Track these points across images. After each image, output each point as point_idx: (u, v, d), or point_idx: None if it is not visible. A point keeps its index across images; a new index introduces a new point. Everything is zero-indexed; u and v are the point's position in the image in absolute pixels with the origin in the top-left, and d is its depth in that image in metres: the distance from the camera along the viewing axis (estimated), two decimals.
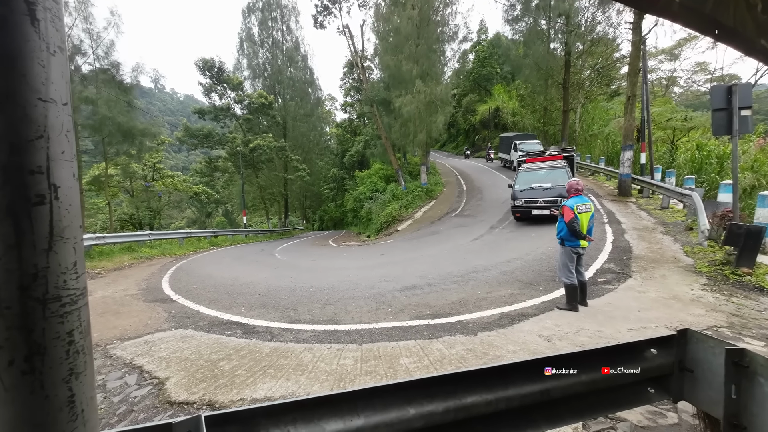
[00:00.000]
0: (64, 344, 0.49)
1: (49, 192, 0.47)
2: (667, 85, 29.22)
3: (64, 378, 0.49)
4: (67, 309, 0.49)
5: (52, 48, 0.47)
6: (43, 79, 0.46)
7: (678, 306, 4.31)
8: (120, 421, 2.61)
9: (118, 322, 5.02)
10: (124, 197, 25.70)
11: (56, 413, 0.48)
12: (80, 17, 15.14)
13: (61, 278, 0.49)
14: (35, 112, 0.46)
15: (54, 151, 0.48)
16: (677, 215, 9.20)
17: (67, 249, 0.49)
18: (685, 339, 1.72)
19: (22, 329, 0.46)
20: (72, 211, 0.50)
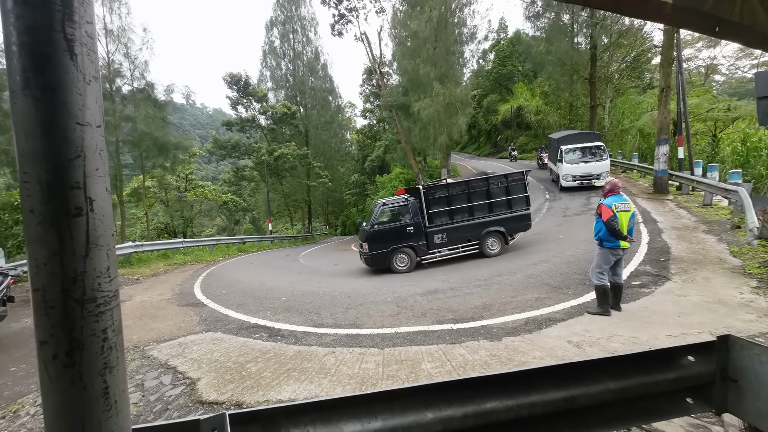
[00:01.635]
0: (99, 341, 0.55)
1: (85, 205, 0.53)
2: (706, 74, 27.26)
3: (99, 371, 0.55)
4: (102, 309, 0.55)
5: (87, 78, 0.54)
6: (80, 106, 0.53)
7: (724, 311, 3.98)
8: (156, 418, 2.77)
9: (154, 325, 5.33)
10: (159, 207, 27.38)
11: (93, 403, 0.54)
12: (121, 44, 16.44)
13: (96, 281, 0.55)
14: (74, 134, 0.52)
15: (89, 169, 0.54)
16: (722, 213, 8.51)
17: (102, 255, 0.55)
18: (727, 346, 1.59)
19: (63, 327, 0.52)
20: (105, 222, 0.56)
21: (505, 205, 8.45)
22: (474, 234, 8.38)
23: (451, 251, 8.46)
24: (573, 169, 14.19)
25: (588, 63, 20.29)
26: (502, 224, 8.38)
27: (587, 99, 21.31)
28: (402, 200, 8.44)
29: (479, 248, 8.38)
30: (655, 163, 11.89)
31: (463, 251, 8.46)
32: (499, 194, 8.46)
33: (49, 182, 0.51)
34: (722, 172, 11.71)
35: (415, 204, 8.28)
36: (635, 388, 1.53)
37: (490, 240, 8.36)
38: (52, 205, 0.51)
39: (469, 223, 8.38)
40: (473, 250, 8.45)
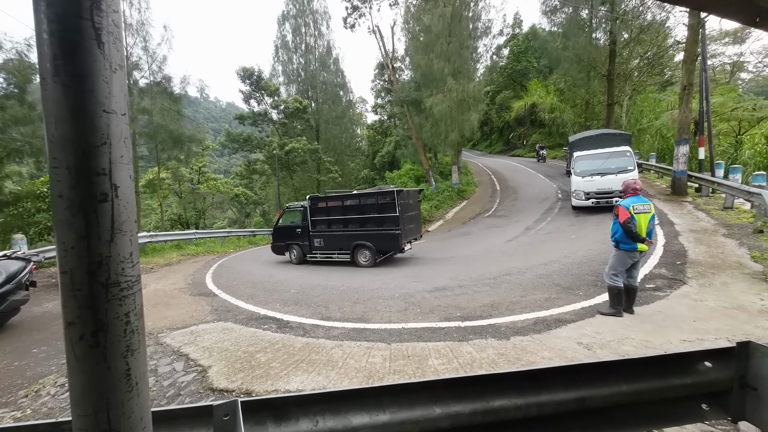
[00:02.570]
0: (122, 324, 0.56)
1: (111, 191, 0.55)
2: (732, 72, 26.21)
3: (122, 353, 0.56)
4: (125, 293, 0.57)
5: (113, 66, 0.55)
6: (106, 93, 0.54)
7: (743, 317, 3.86)
8: (169, 403, 2.85)
9: (168, 313, 5.48)
10: (173, 199, 27.96)
11: (116, 383, 0.56)
12: (140, 37, 16.75)
13: (120, 266, 0.56)
14: (100, 122, 0.53)
15: (115, 156, 0.55)
16: (743, 216, 8.22)
17: (125, 241, 0.57)
18: (747, 352, 1.54)
19: (90, 308, 0.54)
20: (129, 208, 0.58)
21: (374, 223, 8.81)
22: (345, 244, 9.23)
23: (328, 255, 9.61)
24: (586, 183, 11.00)
25: (606, 59, 19.69)
26: (369, 240, 8.87)
27: (604, 96, 20.72)
28: (299, 206, 10.08)
29: (351, 258, 9.16)
30: (674, 164, 11.53)
31: (338, 257, 9.47)
32: (369, 211, 8.92)
33: (77, 168, 0.52)
34: (745, 174, 11.30)
35: (306, 210, 9.66)
36: (649, 392, 1.50)
37: (359, 252, 9.06)
38: (80, 190, 0.52)
39: (342, 234, 9.27)
40: (345, 259, 9.31)
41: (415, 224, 9.74)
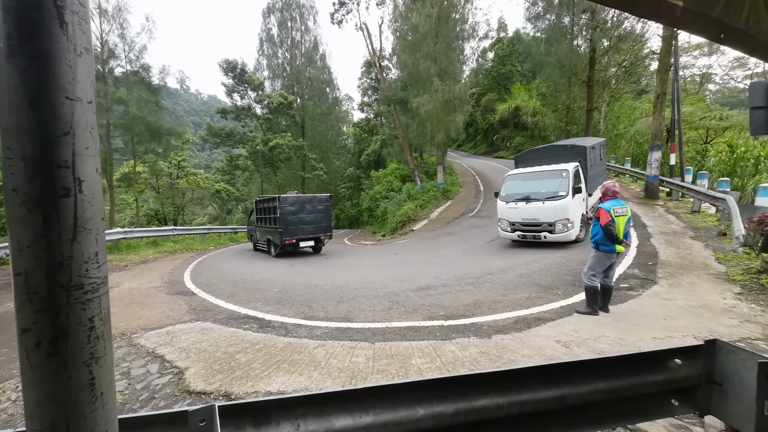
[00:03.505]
0: (85, 329, 0.52)
1: (74, 185, 0.50)
2: (701, 83, 27.67)
3: (85, 361, 0.52)
4: (89, 296, 0.52)
5: (78, 49, 0.50)
6: (70, 79, 0.49)
7: (708, 315, 4.08)
8: (142, 407, 2.73)
9: (142, 313, 5.26)
10: (150, 194, 26.90)
11: (78, 394, 0.51)
12: (117, 24, 15.95)
13: (84, 267, 0.51)
14: (62, 109, 0.49)
15: (79, 147, 0.50)
16: (709, 220, 8.70)
17: (90, 240, 0.52)
18: (714, 350, 1.63)
19: (48, 313, 0.49)
20: (94, 204, 0.53)
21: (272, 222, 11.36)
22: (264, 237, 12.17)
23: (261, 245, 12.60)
24: (510, 211, 8.63)
25: (586, 66, 20.37)
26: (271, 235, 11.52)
27: (584, 102, 21.44)
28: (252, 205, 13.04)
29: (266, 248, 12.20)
30: (647, 169, 12.07)
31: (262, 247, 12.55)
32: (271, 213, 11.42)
33: (34, 159, 0.47)
34: (711, 180, 11.96)
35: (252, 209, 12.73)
36: (624, 389, 1.55)
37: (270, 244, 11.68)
38: (38, 184, 0.48)
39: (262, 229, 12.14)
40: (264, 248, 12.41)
41: (315, 225, 11.46)
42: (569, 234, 7.84)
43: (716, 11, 1.17)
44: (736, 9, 1.23)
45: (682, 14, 1.15)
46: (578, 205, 8.08)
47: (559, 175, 8.16)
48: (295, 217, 10.96)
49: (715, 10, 1.17)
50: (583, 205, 8.39)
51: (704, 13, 1.16)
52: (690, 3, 1.11)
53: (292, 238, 10.80)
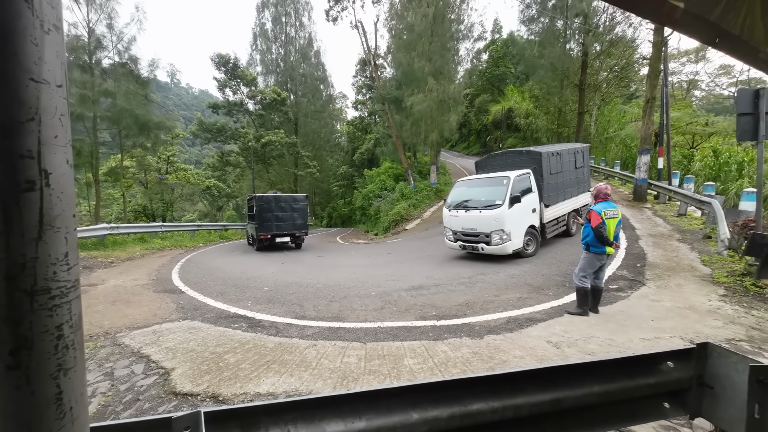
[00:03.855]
0: (52, 339, 0.47)
1: (39, 178, 0.44)
2: (688, 89, 28.33)
3: (51, 374, 0.47)
4: (57, 302, 0.47)
5: (46, 26, 0.45)
6: (35, 59, 0.44)
7: (694, 317, 4.16)
8: (126, 409, 2.64)
9: (128, 311, 5.12)
10: (138, 189, 26.28)
11: (43, 410, 0.46)
12: (104, 13, 15.49)
13: (51, 269, 0.46)
14: (26, 93, 0.43)
15: (46, 135, 0.45)
16: (695, 223, 8.90)
17: (58, 239, 0.47)
18: (705, 353, 1.63)
19: (8, 321, 0.44)
20: (64, 199, 0.48)
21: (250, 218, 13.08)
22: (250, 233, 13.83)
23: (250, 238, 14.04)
24: (451, 219, 8.24)
25: (578, 69, 20.65)
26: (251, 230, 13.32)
27: (575, 105, 21.73)
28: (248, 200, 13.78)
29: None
30: (636, 172, 12.29)
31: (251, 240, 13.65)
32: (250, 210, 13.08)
33: None
34: (696, 184, 12.24)
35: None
36: (618, 391, 1.55)
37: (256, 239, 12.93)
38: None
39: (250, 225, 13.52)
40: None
41: (291, 223, 12.69)
42: (505, 247, 7.21)
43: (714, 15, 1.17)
44: (734, 13, 1.22)
45: (682, 16, 1.14)
46: (521, 216, 7.42)
47: (500, 183, 7.60)
48: (270, 215, 12.29)
49: (713, 14, 1.16)
50: (530, 216, 7.70)
51: (703, 16, 1.15)
52: (690, 5, 1.10)
53: (267, 234, 12.16)
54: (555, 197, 8.35)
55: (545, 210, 8.08)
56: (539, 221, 8.01)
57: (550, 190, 8.10)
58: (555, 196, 8.35)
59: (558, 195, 8.47)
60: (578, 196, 9.45)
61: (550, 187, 8.13)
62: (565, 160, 8.79)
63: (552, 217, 8.36)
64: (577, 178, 9.27)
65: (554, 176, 8.28)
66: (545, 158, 8.04)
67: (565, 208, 8.83)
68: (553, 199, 8.26)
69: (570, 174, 8.96)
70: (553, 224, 8.52)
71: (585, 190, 9.71)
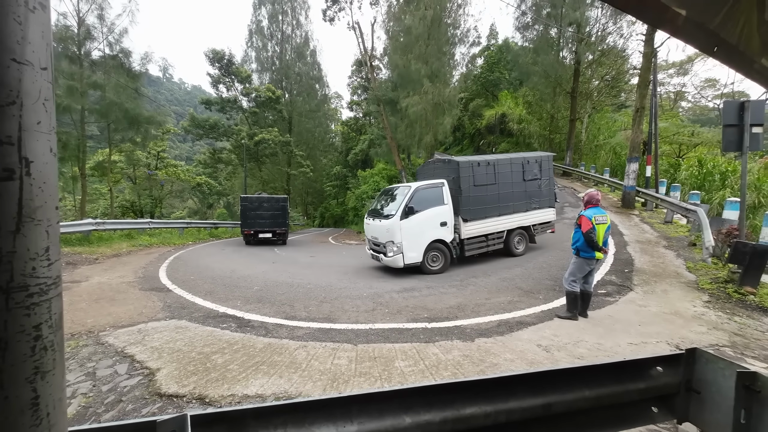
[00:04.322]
0: (29, 339, 0.43)
1: (19, 166, 0.41)
2: (674, 100, 29.09)
3: (27, 377, 0.43)
4: (35, 300, 0.44)
5: (31, 4, 0.42)
6: (18, 38, 0.41)
7: (679, 322, 4.24)
8: (108, 410, 2.56)
9: (112, 309, 4.98)
10: (126, 184, 25.70)
11: (17, 416, 0.43)
12: (95, 4, 15.14)
13: (30, 265, 0.43)
14: (7, 74, 0.40)
15: (28, 121, 0.42)
16: (681, 230, 9.11)
17: (39, 232, 0.44)
18: (694, 358, 1.66)
19: None
20: (46, 190, 0.45)
21: None
22: None
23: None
24: (366, 226, 8.32)
25: (571, 77, 21.02)
26: None
27: (567, 112, 22.11)
28: None
29: None
30: (624, 179, 12.54)
31: None
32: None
33: None
34: (683, 193, 12.55)
35: None
36: (608, 396, 1.55)
37: None
38: None
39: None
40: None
41: (272, 221, 14.37)
42: (395, 260, 6.93)
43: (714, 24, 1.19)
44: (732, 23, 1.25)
45: (684, 23, 1.15)
46: (420, 229, 7.02)
47: (403, 193, 7.34)
48: (253, 213, 14.10)
49: (713, 23, 1.18)
50: (436, 230, 7.20)
51: (703, 24, 1.17)
52: (692, 13, 1.12)
53: (250, 230, 14.03)
54: (481, 212, 7.62)
55: (464, 225, 7.44)
56: (453, 236, 7.41)
57: (472, 203, 7.49)
58: (481, 211, 7.62)
59: (487, 210, 7.71)
60: (530, 212, 8.29)
61: (473, 200, 7.51)
62: (504, 170, 7.94)
63: (476, 233, 7.63)
64: (526, 192, 8.22)
65: (480, 188, 7.61)
66: (464, 168, 7.45)
67: (500, 224, 7.90)
68: (477, 213, 7.57)
69: (514, 186, 8.03)
70: (478, 241, 7.68)
71: (546, 206, 8.55)
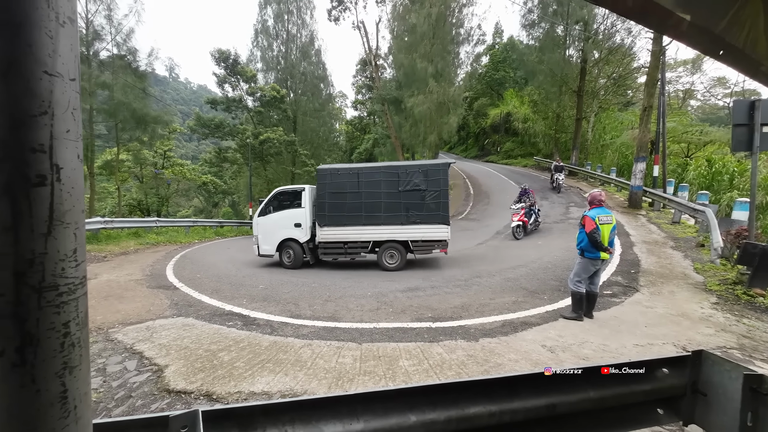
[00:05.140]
0: (59, 336, 0.46)
1: (50, 173, 0.44)
2: (683, 98, 28.69)
3: (57, 372, 0.46)
4: (64, 299, 0.46)
5: (61, 18, 0.44)
6: (50, 51, 0.43)
7: (686, 324, 4.21)
8: (117, 406, 2.61)
9: (121, 307, 5.06)
10: (133, 183, 26.02)
11: (47, 409, 0.45)
12: (104, 5, 15.34)
13: (59, 266, 0.45)
14: (40, 86, 0.42)
15: (58, 129, 0.44)
16: (688, 231, 9.00)
17: (67, 235, 0.46)
18: (700, 360, 1.65)
19: (14, 318, 0.43)
20: (74, 195, 0.47)
21: None
22: None
23: None
24: None
25: (577, 76, 20.83)
26: None
27: (573, 111, 21.92)
28: None
29: None
30: (631, 179, 12.41)
31: None
32: None
33: (4, 141, 0.41)
34: (690, 193, 12.39)
35: None
36: (613, 397, 1.56)
37: None
38: (7, 169, 0.41)
39: None
40: None
41: None
42: (254, 248, 8.41)
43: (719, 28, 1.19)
44: (738, 27, 1.24)
45: (688, 28, 1.15)
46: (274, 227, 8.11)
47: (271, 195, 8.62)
48: None
49: (718, 27, 1.18)
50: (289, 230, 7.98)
51: (708, 29, 1.17)
52: (696, 18, 1.12)
53: None
54: (338, 219, 7.66)
55: (320, 230, 7.75)
56: (308, 239, 7.97)
57: (328, 209, 7.65)
58: (338, 218, 7.66)
59: (346, 218, 7.67)
60: (409, 227, 7.52)
61: (329, 206, 7.65)
62: (370, 179, 7.66)
63: (332, 239, 7.78)
64: (403, 204, 7.51)
65: (337, 195, 7.66)
66: (323, 176, 7.80)
67: (363, 234, 7.69)
68: (333, 220, 7.67)
69: (384, 197, 7.57)
70: (334, 247, 7.81)
71: (434, 221, 7.44)
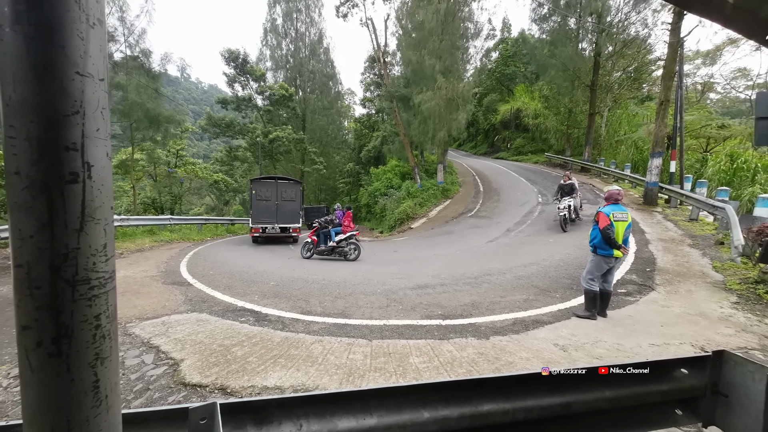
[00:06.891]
0: (91, 328, 0.48)
1: (82, 170, 0.45)
2: (702, 91, 27.72)
3: (90, 362, 0.48)
4: (96, 292, 0.48)
5: (91, 20, 0.45)
6: (81, 52, 0.44)
7: (705, 324, 4.10)
8: (136, 398, 2.69)
9: (137, 302, 5.20)
10: (147, 182, 26.62)
11: (81, 397, 0.47)
12: (116, 6, 15.67)
13: (91, 260, 0.47)
14: (72, 86, 0.44)
15: (89, 128, 0.46)
16: (707, 228, 8.74)
17: (98, 230, 0.48)
18: (721, 361, 1.61)
19: (51, 310, 0.45)
20: (104, 192, 0.48)
21: None
22: None
23: None
24: None
25: (590, 70, 20.33)
26: None
27: (586, 106, 21.43)
28: None
29: None
30: (647, 175, 12.10)
31: None
32: None
33: (40, 140, 0.43)
34: (709, 189, 12.00)
35: None
36: (629, 397, 1.53)
37: None
38: (43, 167, 0.43)
39: None
40: None
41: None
42: None
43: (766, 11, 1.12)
44: None
45: (732, 11, 1.10)
46: None
47: None
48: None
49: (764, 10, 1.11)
50: None
51: (754, 11, 1.11)
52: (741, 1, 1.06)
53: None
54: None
55: None
56: None
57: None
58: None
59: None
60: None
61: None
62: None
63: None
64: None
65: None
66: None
67: None
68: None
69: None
70: None
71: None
